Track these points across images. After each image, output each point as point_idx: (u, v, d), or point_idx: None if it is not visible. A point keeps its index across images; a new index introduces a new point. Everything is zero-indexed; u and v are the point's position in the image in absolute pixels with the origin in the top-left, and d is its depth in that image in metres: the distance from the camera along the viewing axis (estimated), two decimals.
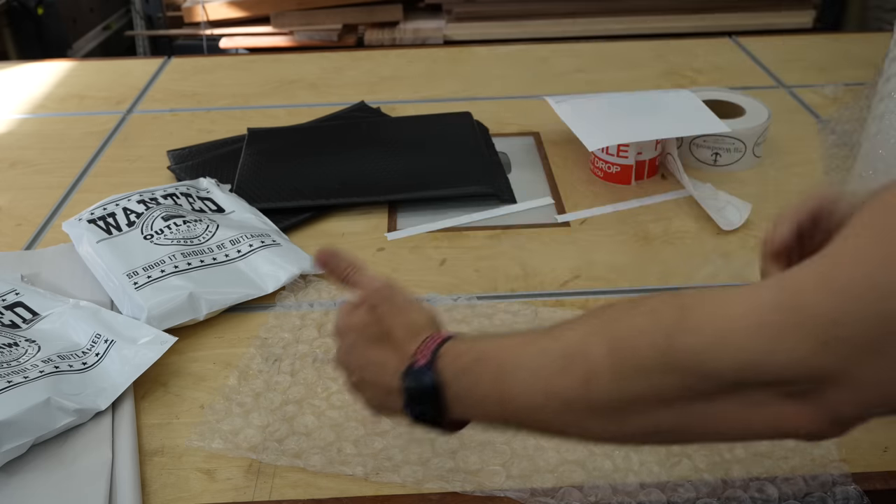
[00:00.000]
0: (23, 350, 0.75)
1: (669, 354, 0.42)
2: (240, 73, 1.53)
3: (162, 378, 0.78)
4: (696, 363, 0.41)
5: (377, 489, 0.65)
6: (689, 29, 2.59)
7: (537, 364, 0.47)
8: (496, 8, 2.72)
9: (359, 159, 1.13)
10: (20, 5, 2.51)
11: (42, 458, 0.68)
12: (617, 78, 1.45)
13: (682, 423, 0.43)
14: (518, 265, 0.94)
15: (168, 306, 0.82)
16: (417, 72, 1.51)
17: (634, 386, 0.43)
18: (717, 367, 0.41)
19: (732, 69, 1.48)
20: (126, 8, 3.13)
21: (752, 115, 1.14)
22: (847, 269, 0.39)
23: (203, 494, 0.66)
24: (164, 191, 0.98)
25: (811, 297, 0.39)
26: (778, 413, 0.41)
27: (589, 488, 0.64)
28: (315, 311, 0.86)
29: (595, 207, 1.05)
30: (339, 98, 1.39)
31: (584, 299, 0.88)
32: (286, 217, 1.02)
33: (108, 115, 1.36)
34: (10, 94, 1.46)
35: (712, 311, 0.42)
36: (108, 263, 0.87)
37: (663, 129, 1.07)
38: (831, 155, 1.14)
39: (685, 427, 0.44)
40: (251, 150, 1.16)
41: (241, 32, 2.79)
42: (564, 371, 0.46)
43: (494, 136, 1.23)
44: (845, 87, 1.35)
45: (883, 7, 2.72)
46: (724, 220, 0.99)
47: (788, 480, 0.64)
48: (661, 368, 0.42)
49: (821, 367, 0.39)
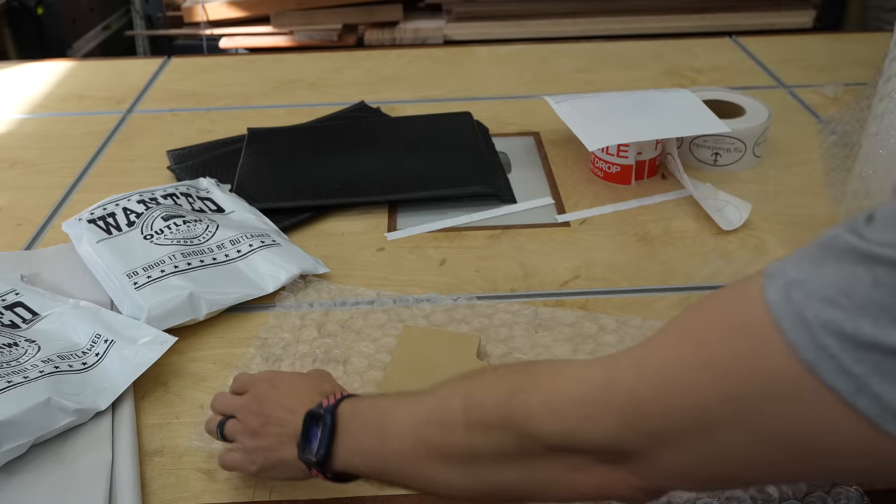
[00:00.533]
0: (23, 350, 0.75)
1: (508, 413, 0.46)
2: (240, 73, 1.53)
3: (162, 378, 0.78)
4: (526, 423, 0.45)
5: (377, 489, 0.65)
6: (689, 29, 2.59)
7: (413, 415, 0.51)
8: (496, 8, 2.72)
9: (359, 159, 1.13)
10: (20, 5, 2.51)
11: (42, 458, 0.68)
12: (617, 78, 1.45)
13: (522, 481, 0.47)
14: (518, 265, 0.94)
15: (168, 306, 0.82)
16: (417, 72, 1.51)
17: (481, 440, 0.47)
18: (542, 430, 0.44)
19: (732, 69, 1.48)
20: (126, 8, 3.13)
21: (752, 115, 1.14)
22: (658, 357, 0.42)
23: (203, 494, 0.66)
24: (164, 191, 0.98)
25: (624, 379, 0.42)
26: (600, 478, 0.44)
27: None
28: (315, 312, 0.86)
29: (595, 207, 1.05)
30: (339, 98, 1.39)
31: (584, 299, 0.88)
32: (286, 217, 1.02)
33: (108, 115, 1.36)
34: (10, 94, 1.46)
35: (550, 379, 0.46)
36: (108, 263, 0.87)
37: (663, 129, 1.07)
38: (831, 155, 1.14)
39: (526, 486, 0.47)
40: (251, 150, 1.16)
41: (241, 32, 2.79)
42: (428, 422, 0.50)
43: (494, 136, 1.23)
44: (845, 87, 1.35)
45: (883, 7, 2.72)
46: (724, 220, 0.99)
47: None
48: (501, 424, 0.46)
49: (623, 445, 0.42)
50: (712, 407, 0.39)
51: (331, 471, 0.56)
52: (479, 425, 0.47)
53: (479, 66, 1.54)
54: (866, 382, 0.34)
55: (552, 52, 1.59)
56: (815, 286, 0.36)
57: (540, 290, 0.90)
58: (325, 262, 0.93)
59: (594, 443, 0.43)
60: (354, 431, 0.54)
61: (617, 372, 0.43)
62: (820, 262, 0.36)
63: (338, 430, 0.55)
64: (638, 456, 0.42)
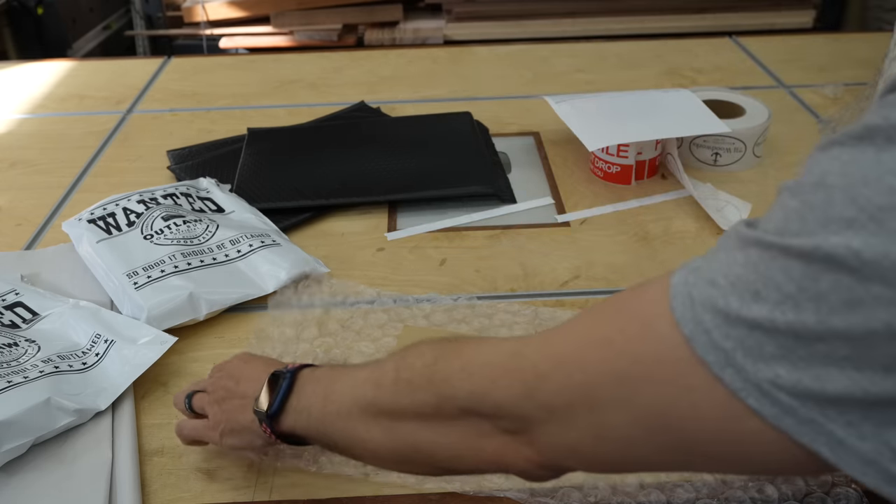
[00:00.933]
0: (23, 350, 0.75)
1: (432, 374, 0.50)
2: (240, 73, 1.53)
3: (162, 378, 0.78)
4: (444, 384, 0.49)
5: (377, 489, 0.66)
6: (689, 29, 2.59)
7: (354, 379, 0.55)
8: (496, 8, 2.72)
9: (359, 159, 1.13)
10: (20, 5, 2.51)
11: (42, 458, 0.68)
12: (617, 78, 1.45)
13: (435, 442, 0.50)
14: (518, 265, 0.94)
15: (168, 306, 0.82)
16: (417, 72, 1.51)
17: (405, 398, 0.51)
18: (455, 389, 0.48)
19: (732, 69, 1.48)
20: (126, 8, 3.13)
21: (752, 115, 1.14)
22: (563, 336, 0.46)
23: (203, 494, 0.66)
24: (164, 191, 0.98)
25: (530, 350, 0.46)
26: (501, 446, 0.47)
27: (589, 488, 0.64)
28: (315, 311, 0.86)
29: (595, 207, 1.05)
30: (339, 98, 1.38)
31: (584, 299, 0.88)
32: (286, 217, 1.02)
33: (108, 115, 1.36)
34: (10, 94, 1.46)
35: (472, 348, 0.50)
36: (108, 263, 0.87)
37: (663, 129, 1.07)
38: None
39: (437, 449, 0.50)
40: (251, 150, 1.16)
41: (241, 32, 2.79)
42: (365, 381, 0.54)
43: (494, 136, 1.23)
44: (845, 87, 1.35)
45: (883, 7, 2.72)
46: (724, 219, 0.99)
47: (788, 481, 0.64)
48: (424, 385, 0.50)
49: (523, 413, 0.45)
50: (599, 385, 0.42)
51: (279, 428, 0.58)
52: (406, 384, 0.51)
53: (479, 66, 1.54)
54: (733, 356, 0.36)
55: (552, 52, 1.59)
56: (705, 270, 0.39)
57: (540, 290, 0.90)
58: (325, 262, 0.93)
59: (498, 406, 0.46)
60: (307, 392, 0.57)
61: (527, 346, 0.47)
62: (716, 251, 0.40)
63: (293, 390, 0.58)
64: (534, 427, 0.45)
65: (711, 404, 0.37)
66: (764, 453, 0.38)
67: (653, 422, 0.40)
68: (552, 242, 0.98)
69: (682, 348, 0.38)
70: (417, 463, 0.53)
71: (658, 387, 0.39)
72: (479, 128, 1.24)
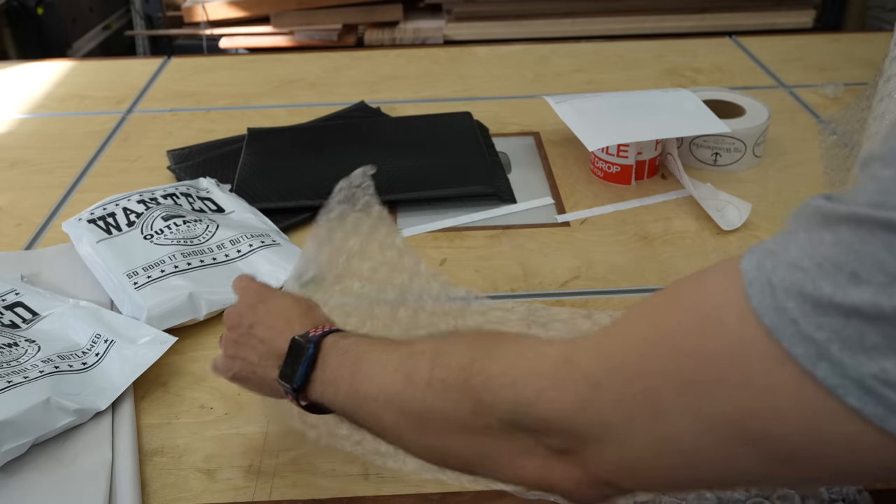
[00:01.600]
0: (23, 350, 0.75)
1: (468, 377, 0.45)
2: (240, 73, 1.53)
3: (162, 378, 0.78)
4: (482, 390, 0.44)
5: (377, 489, 0.65)
6: (690, 29, 2.59)
7: (384, 362, 0.51)
8: (496, 8, 2.72)
9: (359, 159, 1.12)
10: (20, 5, 2.51)
11: (42, 458, 0.68)
12: (617, 78, 1.45)
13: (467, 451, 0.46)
14: (518, 265, 0.94)
15: (168, 306, 0.82)
16: (417, 72, 1.51)
17: (438, 401, 0.46)
18: (496, 399, 0.43)
19: (732, 69, 1.48)
20: (126, 8, 3.13)
21: (752, 115, 1.14)
22: (616, 341, 0.41)
23: (203, 494, 0.66)
24: (164, 191, 0.98)
25: (582, 358, 0.41)
26: (544, 467, 0.43)
27: None
28: None
29: (595, 207, 1.05)
30: (339, 98, 1.38)
31: (583, 299, 0.88)
32: (286, 217, 1.02)
33: (108, 115, 1.36)
34: (10, 94, 1.46)
35: (512, 349, 0.45)
36: (107, 263, 0.87)
37: (663, 129, 1.07)
38: (831, 155, 1.14)
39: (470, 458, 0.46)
40: (251, 150, 1.16)
41: (241, 32, 2.79)
42: (396, 371, 0.49)
43: (494, 136, 1.23)
44: (845, 87, 1.35)
45: (883, 7, 2.72)
46: (724, 220, 0.99)
47: None
48: (459, 387, 0.45)
49: (574, 430, 0.40)
50: (664, 389, 0.37)
51: (306, 398, 0.56)
52: (440, 385, 0.46)
53: (479, 66, 1.54)
54: (826, 348, 0.32)
55: (552, 52, 1.59)
56: (784, 253, 0.34)
57: (540, 290, 0.90)
58: None
59: (546, 421, 0.41)
60: (332, 364, 0.54)
61: (577, 350, 0.42)
62: (793, 231, 0.35)
63: (318, 361, 0.55)
64: (586, 445, 0.40)
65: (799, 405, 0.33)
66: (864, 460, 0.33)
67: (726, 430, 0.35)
68: (552, 242, 0.98)
69: (760, 342, 0.33)
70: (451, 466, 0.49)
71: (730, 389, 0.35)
72: (479, 128, 1.24)
